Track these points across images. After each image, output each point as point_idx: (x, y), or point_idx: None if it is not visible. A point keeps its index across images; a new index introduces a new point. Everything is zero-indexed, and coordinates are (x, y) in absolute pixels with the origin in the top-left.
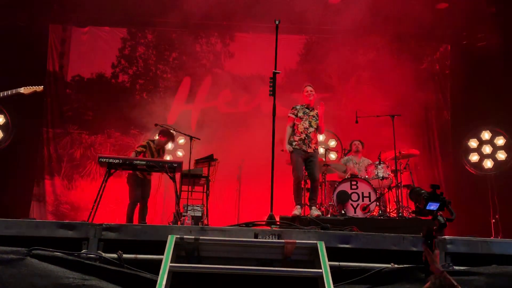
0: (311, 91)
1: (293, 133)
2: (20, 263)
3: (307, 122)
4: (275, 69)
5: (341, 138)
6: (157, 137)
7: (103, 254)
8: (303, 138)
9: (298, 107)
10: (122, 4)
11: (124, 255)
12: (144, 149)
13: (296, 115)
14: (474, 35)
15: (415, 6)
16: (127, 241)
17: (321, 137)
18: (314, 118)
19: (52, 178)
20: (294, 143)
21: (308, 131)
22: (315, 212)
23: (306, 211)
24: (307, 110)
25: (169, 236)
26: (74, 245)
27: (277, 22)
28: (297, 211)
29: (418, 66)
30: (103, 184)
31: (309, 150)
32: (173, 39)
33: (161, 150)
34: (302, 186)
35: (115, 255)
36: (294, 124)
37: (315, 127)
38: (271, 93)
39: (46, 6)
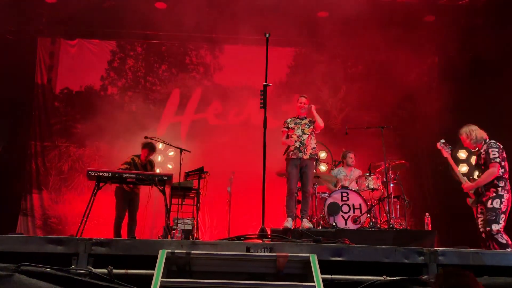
0: (304, 103)
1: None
2: (8, 279)
3: (300, 130)
4: (266, 82)
5: (331, 150)
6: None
7: (93, 270)
8: (297, 146)
9: (288, 120)
10: (111, 16)
11: (115, 270)
12: (128, 166)
13: (288, 127)
14: (461, 46)
15: (403, 19)
16: (117, 256)
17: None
18: (306, 126)
19: (40, 192)
20: (290, 153)
21: (302, 138)
22: (306, 224)
23: (297, 223)
24: (298, 120)
25: (160, 251)
26: (63, 260)
27: (267, 35)
28: (288, 223)
29: (407, 78)
30: (92, 198)
31: (305, 157)
32: (162, 51)
33: (148, 165)
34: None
35: (105, 271)
36: (288, 136)
37: (308, 133)
38: (262, 105)
39: (34, 19)
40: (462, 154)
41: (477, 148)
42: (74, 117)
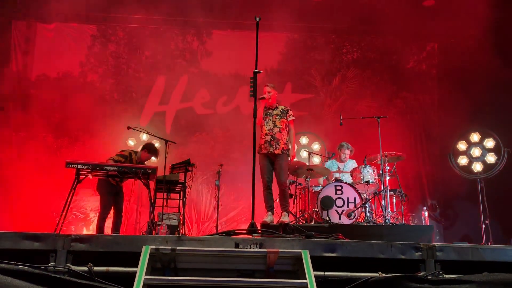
0: (268, 91)
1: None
2: None
3: (271, 123)
4: (256, 69)
5: (325, 141)
6: (140, 151)
7: (72, 267)
8: (268, 140)
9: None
10: None
11: (95, 268)
12: (122, 159)
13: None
14: (462, 33)
15: (401, 3)
16: (98, 252)
17: (304, 140)
18: (278, 117)
19: None
20: (262, 147)
21: (273, 132)
22: (284, 218)
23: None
24: (269, 111)
25: (144, 247)
26: (40, 257)
27: (257, 19)
28: (267, 218)
29: (404, 66)
30: (72, 192)
31: (276, 152)
32: (146, 36)
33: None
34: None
35: (85, 268)
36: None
37: (280, 126)
38: (252, 94)
39: (8, 1)
40: (462, 146)
41: None
42: (52, 105)
